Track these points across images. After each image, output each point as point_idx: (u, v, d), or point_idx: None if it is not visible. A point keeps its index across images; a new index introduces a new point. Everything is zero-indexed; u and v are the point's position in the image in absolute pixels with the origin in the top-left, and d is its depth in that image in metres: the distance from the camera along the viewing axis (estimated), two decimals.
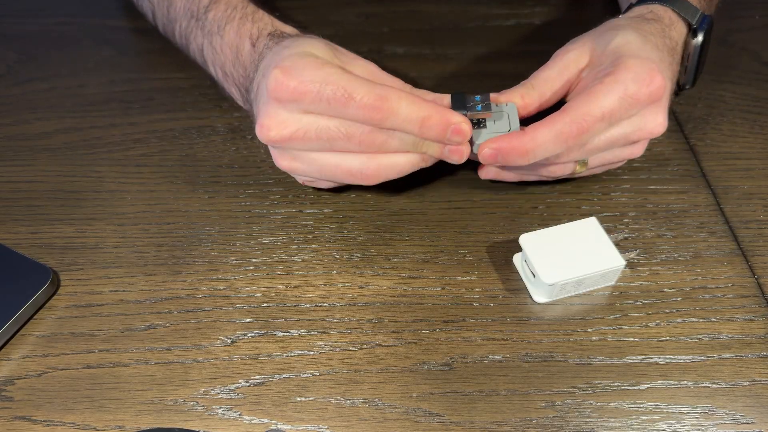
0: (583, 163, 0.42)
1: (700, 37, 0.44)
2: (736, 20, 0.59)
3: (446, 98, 0.41)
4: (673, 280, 0.42)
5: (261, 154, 0.49)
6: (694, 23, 0.44)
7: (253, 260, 0.43)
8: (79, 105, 0.52)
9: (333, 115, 0.37)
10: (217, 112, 0.52)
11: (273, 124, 0.38)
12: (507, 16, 0.59)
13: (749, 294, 0.42)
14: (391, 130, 0.38)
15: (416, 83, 0.54)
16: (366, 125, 0.37)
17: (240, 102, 0.46)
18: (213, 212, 0.46)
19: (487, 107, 0.40)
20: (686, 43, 0.44)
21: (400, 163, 0.40)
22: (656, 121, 0.40)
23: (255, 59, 0.42)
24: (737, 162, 0.49)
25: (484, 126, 0.40)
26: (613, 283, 0.41)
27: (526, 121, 0.40)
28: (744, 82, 0.54)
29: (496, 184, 0.47)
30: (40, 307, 0.41)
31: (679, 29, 0.44)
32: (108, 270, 0.43)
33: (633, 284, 0.42)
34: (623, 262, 0.39)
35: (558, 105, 0.40)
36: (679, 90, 0.46)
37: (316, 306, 0.41)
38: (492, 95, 0.41)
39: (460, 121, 0.38)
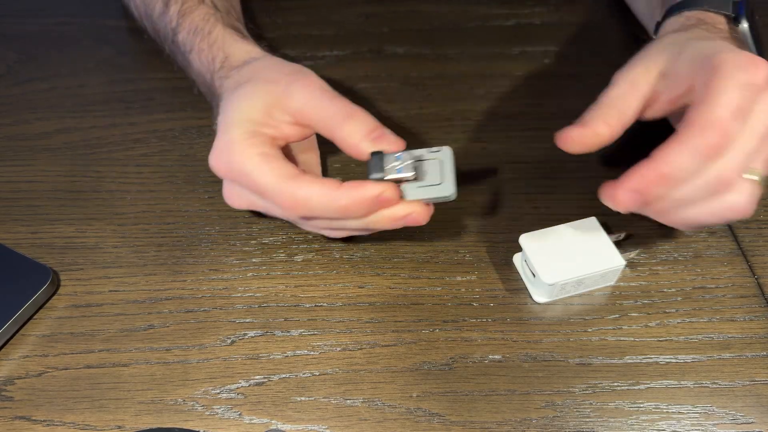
0: (754, 172, 0.34)
1: (744, 24, 0.41)
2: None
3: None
4: (673, 280, 0.42)
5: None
6: (732, 13, 0.41)
7: (253, 260, 0.43)
8: (79, 105, 0.52)
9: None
10: None
11: (213, 161, 0.39)
12: (507, 16, 0.59)
13: (749, 294, 0.42)
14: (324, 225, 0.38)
15: (416, 83, 0.54)
16: (293, 216, 0.38)
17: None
18: (213, 212, 0.46)
19: (408, 168, 0.36)
20: (734, 33, 0.41)
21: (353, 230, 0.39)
22: None
23: (216, 94, 0.42)
24: None
25: (414, 179, 0.37)
26: (613, 282, 0.41)
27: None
28: None
29: (496, 184, 0.47)
30: (40, 307, 0.41)
31: (723, 23, 0.41)
32: (108, 270, 0.43)
33: (633, 284, 0.42)
34: (623, 262, 0.39)
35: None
36: None
37: (316, 306, 0.41)
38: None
39: (378, 192, 0.35)
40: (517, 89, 0.53)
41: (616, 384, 0.38)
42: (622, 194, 0.33)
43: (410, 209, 0.36)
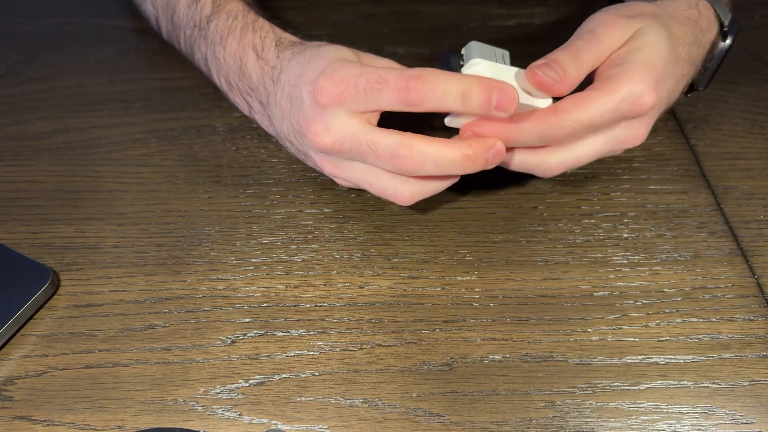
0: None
1: (728, 41, 0.44)
2: (736, 20, 0.59)
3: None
4: (673, 280, 0.42)
5: (261, 154, 0.49)
6: (726, 26, 0.43)
7: (253, 260, 0.43)
8: (79, 105, 0.52)
9: (366, 111, 0.37)
10: (217, 112, 0.52)
11: (319, 131, 0.37)
12: (507, 16, 0.59)
13: (749, 294, 0.42)
14: (421, 153, 0.37)
15: None
16: (393, 144, 0.36)
17: (245, 112, 0.45)
18: (213, 212, 0.46)
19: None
20: (714, 45, 0.44)
21: (432, 188, 0.39)
22: (637, 134, 0.40)
23: (268, 72, 0.41)
24: (737, 162, 0.49)
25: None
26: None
27: None
28: (744, 82, 0.54)
29: (496, 184, 0.47)
30: (40, 307, 0.41)
31: (712, 32, 0.43)
32: (108, 270, 0.43)
33: (633, 284, 0.42)
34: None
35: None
36: (689, 91, 0.46)
37: (316, 306, 0.41)
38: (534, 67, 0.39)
39: (503, 85, 0.36)
40: None
41: (616, 384, 0.38)
42: (468, 133, 0.38)
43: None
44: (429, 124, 0.46)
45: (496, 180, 0.47)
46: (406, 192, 0.38)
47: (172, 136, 0.50)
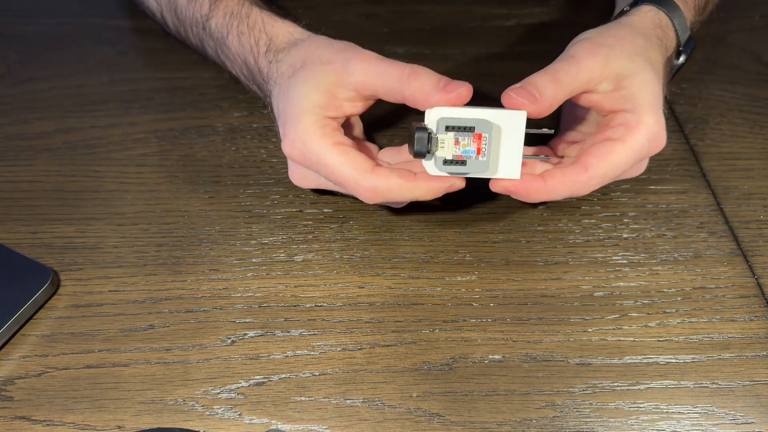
0: None
1: (682, 59, 0.46)
2: (736, 20, 0.59)
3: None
4: (673, 280, 0.42)
5: (261, 154, 0.49)
6: (682, 44, 0.45)
7: (253, 260, 0.43)
8: (79, 105, 0.52)
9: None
10: (217, 112, 0.52)
11: (288, 149, 0.40)
12: (507, 16, 0.59)
13: (749, 294, 0.42)
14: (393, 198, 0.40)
15: None
16: (362, 194, 0.39)
17: (260, 96, 0.47)
18: (213, 212, 0.46)
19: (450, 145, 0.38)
20: (673, 60, 0.45)
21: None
22: (641, 166, 0.42)
23: (264, 76, 0.43)
24: (737, 162, 0.49)
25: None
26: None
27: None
28: (744, 83, 0.54)
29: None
30: (40, 307, 0.41)
31: (673, 48, 0.44)
32: (108, 270, 0.43)
33: (633, 284, 0.42)
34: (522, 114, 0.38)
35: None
36: None
37: (316, 306, 0.41)
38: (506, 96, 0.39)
39: (450, 184, 0.39)
40: None
41: (616, 384, 0.38)
42: (499, 187, 0.40)
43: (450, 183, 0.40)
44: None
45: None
46: (368, 195, 0.39)
47: (172, 136, 0.50)
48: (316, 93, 0.39)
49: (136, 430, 0.36)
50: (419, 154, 0.38)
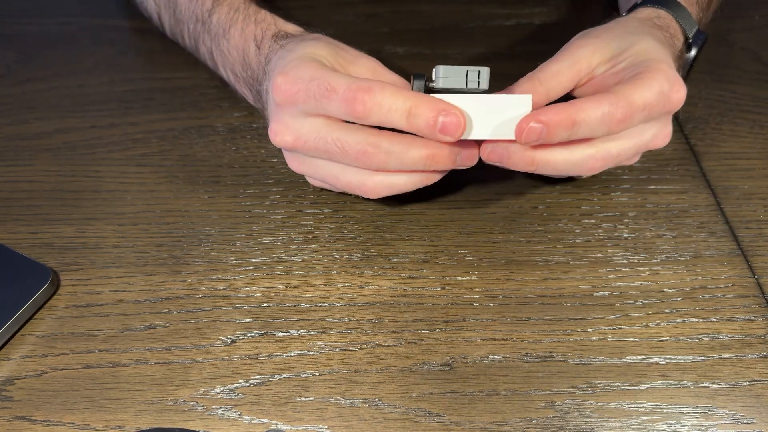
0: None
1: (693, 52, 0.44)
2: (736, 20, 0.59)
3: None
4: (673, 280, 0.42)
5: (261, 154, 0.49)
6: (690, 37, 0.44)
7: (253, 260, 0.43)
8: (79, 105, 0.52)
9: (321, 114, 0.37)
10: (217, 112, 0.52)
11: (279, 129, 0.38)
12: (507, 16, 0.59)
13: (749, 294, 0.42)
14: (387, 151, 0.37)
15: None
16: (360, 143, 0.36)
17: (252, 102, 0.46)
18: (213, 212, 0.46)
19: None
20: (681, 54, 0.44)
21: (399, 183, 0.39)
22: (668, 131, 0.40)
23: (261, 62, 0.42)
24: (737, 162, 0.49)
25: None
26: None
27: None
28: (744, 82, 0.54)
29: (496, 184, 0.47)
30: (40, 307, 0.41)
31: (680, 40, 0.44)
32: (108, 270, 0.43)
33: (633, 284, 0.42)
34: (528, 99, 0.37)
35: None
36: None
37: (316, 306, 0.41)
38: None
39: (452, 109, 0.35)
40: None
41: (616, 384, 0.38)
42: (533, 122, 0.35)
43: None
44: None
45: (496, 180, 0.47)
46: (370, 184, 0.39)
47: (172, 136, 0.50)
48: (323, 50, 0.38)
49: (136, 430, 0.36)
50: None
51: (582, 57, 0.39)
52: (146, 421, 0.37)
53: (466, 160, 0.38)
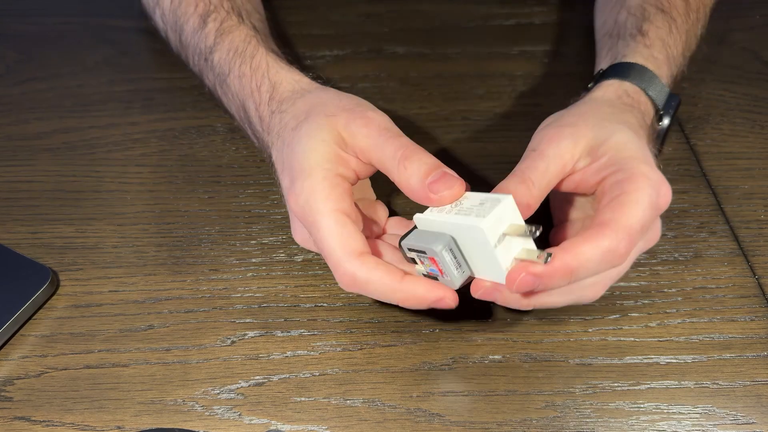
0: None
1: (666, 122, 0.43)
2: (736, 20, 0.59)
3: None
4: (674, 280, 0.42)
5: (261, 154, 0.49)
6: (661, 108, 0.42)
7: (253, 260, 0.43)
8: (79, 105, 0.52)
9: None
10: (216, 111, 0.52)
11: (292, 204, 0.37)
12: (507, 16, 0.59)
13: (750, 294, 0.42)
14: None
15: (416, 83, 0.54)
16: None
17: (254, 141, 0.45)
18: (213, 212, 0.46)
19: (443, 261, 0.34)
20: (654, 127, 0.43)
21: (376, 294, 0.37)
22: (657, 227, 0.37)
23: (266, 126, 0.41)
24: (738, 162, 0.49)
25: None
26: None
27: None
28: (744, 82, 0.54)
29: (495, 185, 0.47)
30: (40, 307, 0.41)
31: (651, 113, 0.42)
32: (107, 270, 0.43)
33: (633, 284, 0.42)
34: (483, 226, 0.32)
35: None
36: None
37: (316, 306, 0.41)
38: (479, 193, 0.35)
39: (439, 297, 0.34)
40: (517, 89, 0.53)
41: (616, 384, 0.38)
42: (524, 277, 0.32)
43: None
44: None
45: (495, 180, 0.47)
46: (345, 280, 0.35)
47: (172, 136, 0.50)
48: (323, 145, 0.36)
49: (136, 430, 0.36)
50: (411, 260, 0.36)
51: (564, 150, 0.36)
52: (146, 422, 0.37)
53: (444, 304, 0.35)
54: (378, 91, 0.53)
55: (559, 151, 0.36)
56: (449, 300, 0.35)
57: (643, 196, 0.33)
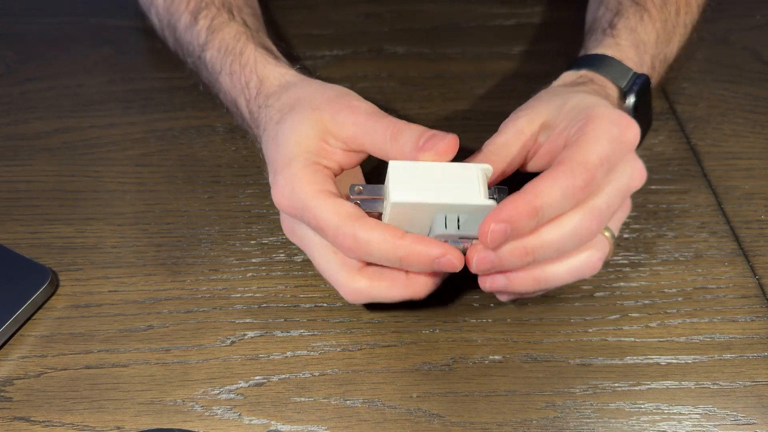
0: (609, 230, 0.37)
1: (631, 99, 0.42)
2: (737, 20, 0.59)
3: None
4: (674, 281, 0.42)
5: (258, 152, 0.49)
6: (623, 86, 0.42)
7: (253, 260, 0.43)
8: (78, 105, 0.52)
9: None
10: (216, 111, 0.52)
11: (277, 197, 0.37)
12: (507, 16, 0.59)
13: (750, 294, 0.41)
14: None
15: (416, 83, 0.54)
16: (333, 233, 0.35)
17: (251, 139, 0.45)
18: (212, 212, 0.46)
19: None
20: (620, 101, 0.43)
21: (384, 295, 0.37)
22: (639, 166, 0.37)
23: (255, 121, 0.41)
24: (738, 162, 0.49)
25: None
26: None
27: None
28: (745, 82, 0.54)
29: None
30: (39, 308, 0.41)
31: (614, 93, 0.42)
32: (107, 270, 0.43)
33: (633, 284, 0.42)
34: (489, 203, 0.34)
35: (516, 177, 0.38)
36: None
37: (316, 306, 0.41)
38: None
39: (443, 253, 0.34)
40: (517, 89, 0.53)
41: (616, 385, 0.38)
42: (494, 223, 0.32)
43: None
44: None
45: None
46: (349, 289, 0.36)
47: (171, 136, 0.50)
48: (306, 139, 0.37)
49: (136, 430, 0.36)
50: None
51: (522, 125, 0.37)
52: (145, 422, 0.36)
53: (448, 266, 0.34)
54: (378, 91, 0.53)
55: (516, 127, 0.38)
56: (453, 258, 0.34)
57: (600, 132, 0.34)
